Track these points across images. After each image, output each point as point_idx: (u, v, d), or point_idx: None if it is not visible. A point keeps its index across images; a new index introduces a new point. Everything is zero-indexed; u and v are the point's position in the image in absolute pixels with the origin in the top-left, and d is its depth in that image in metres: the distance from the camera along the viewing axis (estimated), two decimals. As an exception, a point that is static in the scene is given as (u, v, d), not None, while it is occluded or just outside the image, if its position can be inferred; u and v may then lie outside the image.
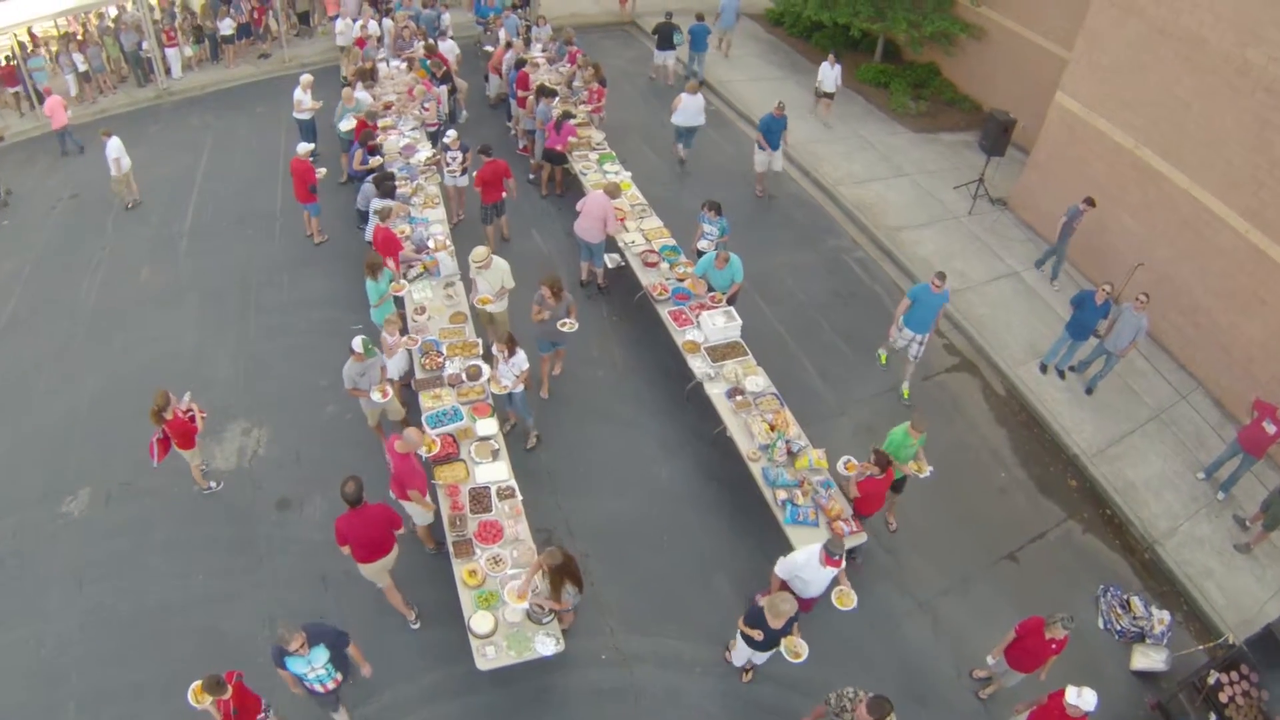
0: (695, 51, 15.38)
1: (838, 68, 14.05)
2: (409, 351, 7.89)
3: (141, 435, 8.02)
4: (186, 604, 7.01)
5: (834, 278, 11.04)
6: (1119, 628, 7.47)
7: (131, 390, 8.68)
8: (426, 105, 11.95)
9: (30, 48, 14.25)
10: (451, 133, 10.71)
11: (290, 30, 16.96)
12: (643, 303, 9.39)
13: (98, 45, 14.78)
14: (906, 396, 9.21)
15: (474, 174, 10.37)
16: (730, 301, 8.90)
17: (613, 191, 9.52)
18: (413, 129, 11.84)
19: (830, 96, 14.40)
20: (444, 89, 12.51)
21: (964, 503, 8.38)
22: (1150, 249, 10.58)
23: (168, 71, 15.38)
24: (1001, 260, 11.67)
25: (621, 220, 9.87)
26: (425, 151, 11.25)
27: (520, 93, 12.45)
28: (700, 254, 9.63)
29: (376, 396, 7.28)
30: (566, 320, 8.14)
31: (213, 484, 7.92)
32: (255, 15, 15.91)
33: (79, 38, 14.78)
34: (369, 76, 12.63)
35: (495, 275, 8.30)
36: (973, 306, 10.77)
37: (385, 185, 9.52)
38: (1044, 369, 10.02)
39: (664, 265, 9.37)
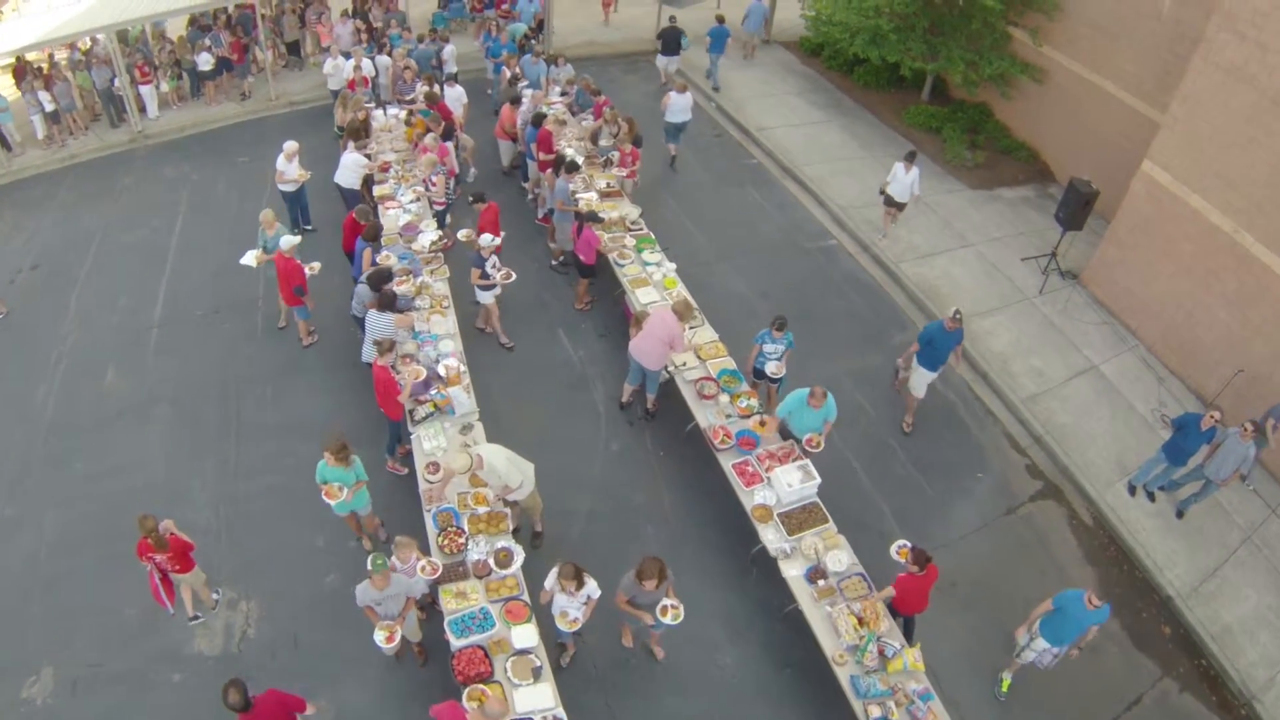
0: (714, 53, 14.75)
1: (915, 172, 10.97)
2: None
3: (111, 596, 7.03)
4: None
5: (904, 384, 9.77)
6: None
7: (96, 536, 7.48)
8: (434, 180, 10.25)
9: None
10: (489, 238, 8.87)
11: (278, 61, 15.35)
12: (695, 434, 8.09)
13: (65, 82, 13.22)
14: (1005, 690, 7.23)
15: (474, 227, 9.34)
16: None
17: (684, 312, 7.97)
18: (414, 201, 10.23)
19: (901, 208, 11.45)
20: (449, 145, 10.94)
21: (1059, 669, 7.33)
22: (1244, 345, 9.47)
23: (143, 110, 13.86)
24: (1079, 351, 10.47)
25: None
26: (430, 233, 9.63)
27: (542, 155, 10.88)
28: (760, 375, 8.28)
29: (379, 638, 5.89)
30: (669, 604, 6.20)
31: (216, 594, 7.07)
32: (234, 48, 14.26)
33: (45, 73, 13.20)
34: (362, 133, 11.03)
35: (493, 478, 6.48)
36: (1054, 414, 9.60)
37: (387, 295, 7.85)
38: (1133, 490, 8.95)
39: (723, 398, 7.94)
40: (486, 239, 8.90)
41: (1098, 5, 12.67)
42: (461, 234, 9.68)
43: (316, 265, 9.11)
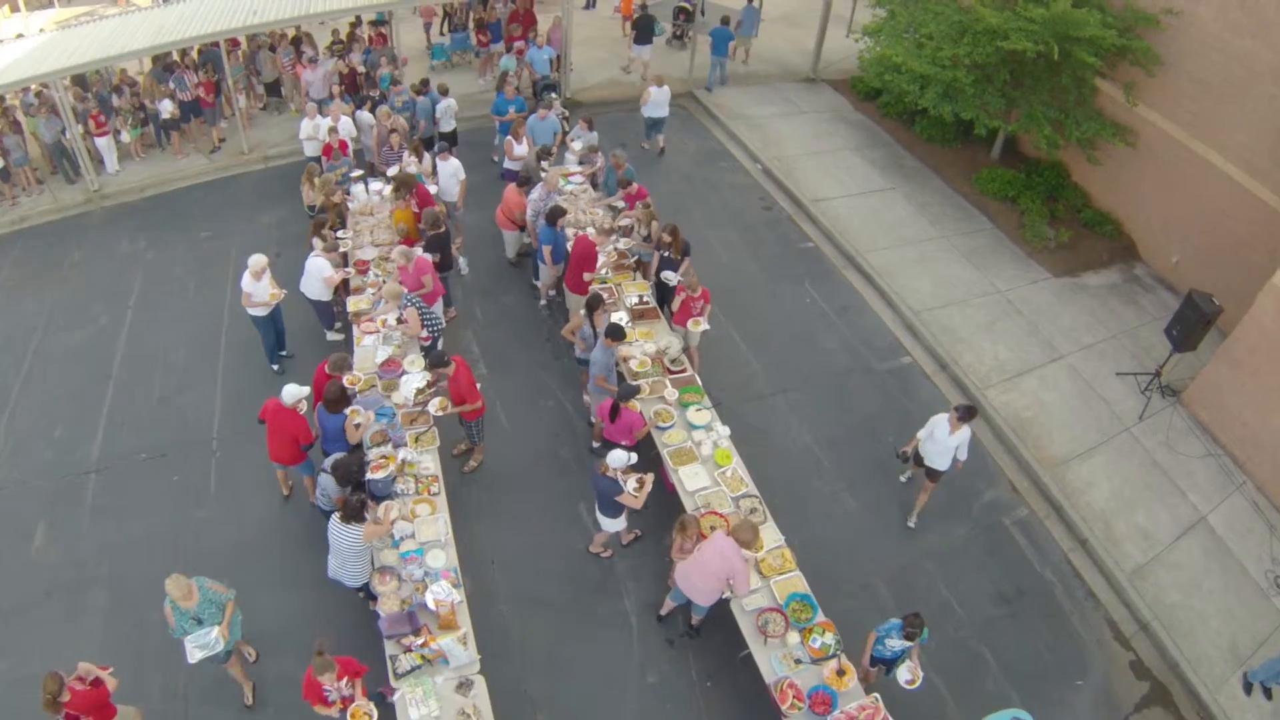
0: (716, 56, 14.53)
1: (965, 434, 7.55)
2: None
3: None
4: None
5: (995, 563, 8.05)
6: None
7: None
8: (404, 314, 7.97)
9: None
10: (621, 457, 6.51)
11: (255, 104, 13.49)
12: (749, 661, 6.42)
13: (14, 135, 11.55)
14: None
15: (444, 396, 7.39)
16: None
17: (747, 538, 6.00)
18: (396, 327, 8.17)
19: (936, 477, 7.90)
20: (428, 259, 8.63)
21: None
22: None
23: (101, 164, 12.16)
24: (1184, 497, 8.85)
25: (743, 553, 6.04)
26: (416, 376, 7.58)
27: (586, 276, 8.71)
28: (878, 662, 6.37)
29: None
30: None
31: None
32: (204, 89, 12.45)
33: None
34: (331, 225, 8.99)
35: None
36: (1163, 591, 8.00)
37: (352, 506, 5.90)
38: (1249, 688, 7.47)
39: (791, 636, 6.20)
40: (619, 458, 6.45)
41: (1205, 60, 10.77)
42: (433, 406, 7.36)
43: (303, 404, 7.20)
